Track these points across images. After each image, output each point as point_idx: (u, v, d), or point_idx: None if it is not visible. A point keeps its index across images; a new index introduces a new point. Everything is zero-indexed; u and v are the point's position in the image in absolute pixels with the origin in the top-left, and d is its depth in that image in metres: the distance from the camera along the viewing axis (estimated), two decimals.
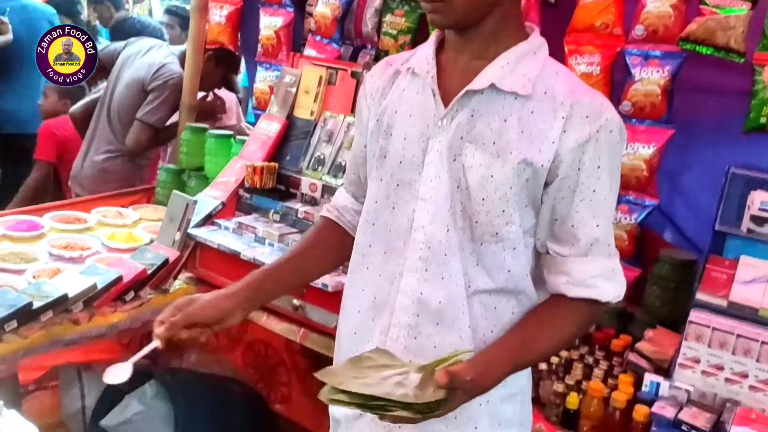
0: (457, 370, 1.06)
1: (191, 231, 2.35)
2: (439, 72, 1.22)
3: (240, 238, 2.34)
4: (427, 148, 1.21)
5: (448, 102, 1.20)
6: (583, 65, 2.12)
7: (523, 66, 1.18)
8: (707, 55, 1.93)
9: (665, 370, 1.79)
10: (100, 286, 2.09)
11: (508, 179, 1.15)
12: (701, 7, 1.95)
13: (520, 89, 1.16)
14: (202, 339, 1.23)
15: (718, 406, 1.65)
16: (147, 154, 3.44)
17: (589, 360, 1.92)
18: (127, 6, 5.58)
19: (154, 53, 3.30)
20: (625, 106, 2.07)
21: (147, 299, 2.24)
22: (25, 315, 1.91)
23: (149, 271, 2.23)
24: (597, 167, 1.15)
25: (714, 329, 1.66)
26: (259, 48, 3.04)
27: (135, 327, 2.21)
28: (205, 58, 3.18)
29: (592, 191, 1.16)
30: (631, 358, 1.87)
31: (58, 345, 2.01)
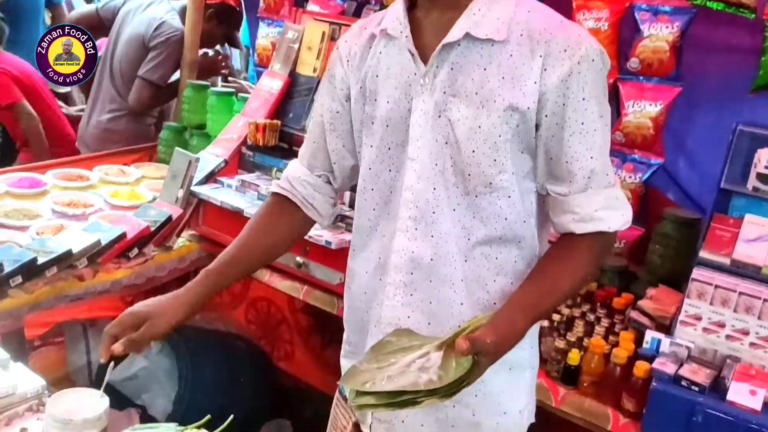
0: (477, 335, 1.06)
1: (194, 188, 2.35)
2: (414, 30, 1.21)
3: (243, 196, 2.33)
4: (412, 108, 1.21)
5: (426, 59, 1.19)
6: (591, 21, 2.09)
7: (495, 11, 1.16)
8: (717, 11, 1.90)
9: (666, 328, 1.80)
10: (104, 243, 2.10)
11: (496, 128, 1.15)
12: None
13: (495, 35, 1.15)
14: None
15: (719, 362, 1.66)
16: (152, 113, 3.40)
17: (591, 317, 1.93)
18: None
19: (154, 8, 3.24)
20: (633, 63, 2.05)
21: (151, 256, 2.25)
22: (30, 270, 1.92)
23: (152, 228, 2.23)
24: (582, 99, 1.14)
25: (716, 287, 1.66)
26: (261, 3, 3.00)
27: (139, 283, 2.23)
28: (206, 14, 3.14)
29: (581, 124, 1.15)
30: (633, 315, 1.88)
31: (63, 300, 2.03)
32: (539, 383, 1.67)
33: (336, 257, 2.03)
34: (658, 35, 2.00)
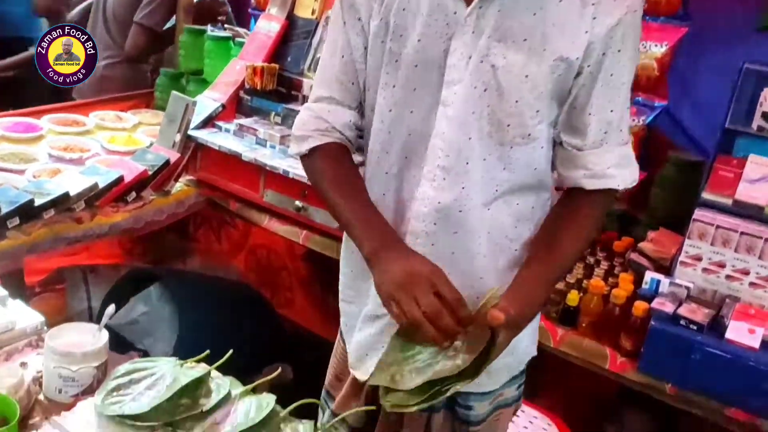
0: (500, 309, 1.05)
1: (192, 133, 2.32)
2: None
3: (241, 140, 2.31)
4: (449, 50, 1.13)
5: None
6: None
7: None
8: None
9: (666, 269, 1.80)
10: (101, 186, 2.08)
11: (545, 77, 1.10)
12: None
13: None
14: None
15: (718, 302, 1.66)
16: (149, 60, 3.34)
17: (591, 260, 1.93)
18: None
19: None
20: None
21: (149, 200, 2.23)
22: (28, 212, 1.91)
23: (150, 172, 2.21)
24: (618, 51, 1.10)
25: (718, 227, 1.66)
26: None
27: (137, 227, 2.22)
28: None
29: (610, 75, 1.12)
30: (633, 257, 1.87)
31: (61, 243, 2.02)
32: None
33: None
34: None
